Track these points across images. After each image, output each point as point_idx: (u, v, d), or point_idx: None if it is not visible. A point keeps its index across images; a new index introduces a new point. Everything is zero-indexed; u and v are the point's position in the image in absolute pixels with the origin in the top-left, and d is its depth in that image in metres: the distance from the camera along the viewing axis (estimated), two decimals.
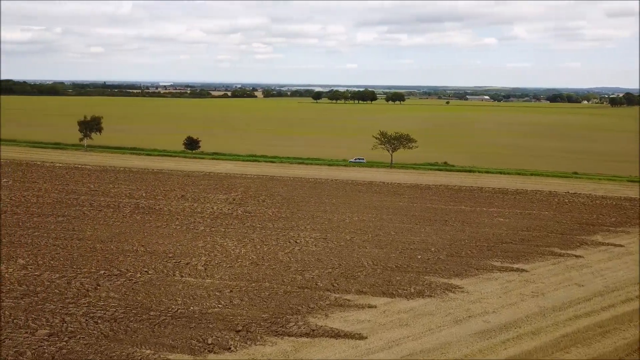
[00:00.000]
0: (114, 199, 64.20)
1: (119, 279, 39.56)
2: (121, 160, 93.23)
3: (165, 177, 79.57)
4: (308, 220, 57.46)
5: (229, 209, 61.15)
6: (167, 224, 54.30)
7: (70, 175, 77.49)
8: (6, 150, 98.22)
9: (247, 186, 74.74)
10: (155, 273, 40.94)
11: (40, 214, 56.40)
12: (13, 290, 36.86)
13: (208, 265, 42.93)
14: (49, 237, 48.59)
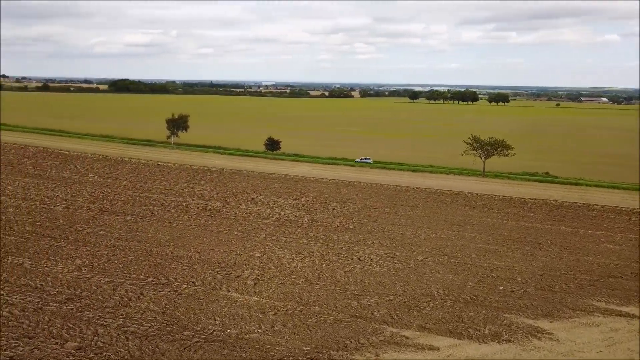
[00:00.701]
0: (185, 199, 63.57)
1: (164, 288, 37.43)
2: (203, 159, 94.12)
3: (241, 178, 78.30)
4: (377, 234, 52.23)
5: (295, 216, 57.69)
6: (229, 230, 52.01)
7: (151, 172, 78.96)
8: (101, 146, 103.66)
9: (320, 191, 70.99)
10: (202, 285, 38.33)
11: (111, 211, 56.91)
12: (60, 294, 36.04)
13: (258, 280, 39.55)
14: (111, 237, 48.29)
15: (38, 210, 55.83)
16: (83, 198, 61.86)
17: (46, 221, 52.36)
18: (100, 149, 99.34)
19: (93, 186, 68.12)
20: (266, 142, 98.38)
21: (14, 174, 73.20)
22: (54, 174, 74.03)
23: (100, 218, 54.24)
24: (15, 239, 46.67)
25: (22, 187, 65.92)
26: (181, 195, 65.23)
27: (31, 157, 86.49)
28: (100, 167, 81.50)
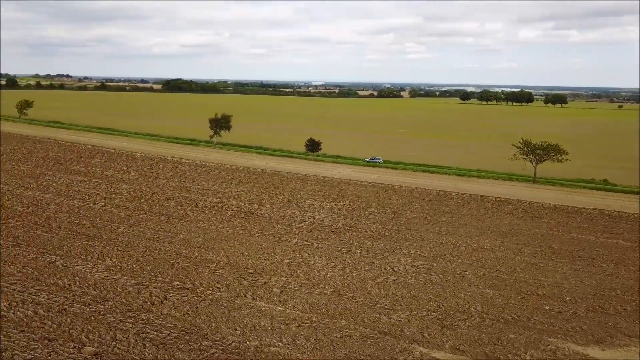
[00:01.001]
0: (221, 200, 63.05)
1: (188, 293, 36.53)
2: (244, 159, 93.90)
3: (279, 179, 77.25)
4: (415, 243, 49.54)
5: (330, 220, 55.84)
6: (260, 233, 50.82)
7: (192, 172, 79.27)
8: (147, 144, 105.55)
9: (358, 195, 68.79)
10: (227, 291, 37.16)
11: (147, 211, 57.06)
12: (86, 295, 35.83)
13: (285, 288, 37.99)
14: (143, 237, 48.15)
15: (78, 208, 56.72)
16: (122, 196, 62.52)
17: (84, 219, 53.02)
18: (145, 147, 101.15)
19: (133, 184, 68.89)
20: (307, 143, 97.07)
21: (61, 171, 75.29)
22: (97, 172, 75.60)
23: (136, 217, 54.42)
24: (52, 237, 47.32)
25: (66, 184, 67.52)
26: (218, 196, 64.81)
27: (79, 155, 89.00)
28: (142, 165, 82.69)
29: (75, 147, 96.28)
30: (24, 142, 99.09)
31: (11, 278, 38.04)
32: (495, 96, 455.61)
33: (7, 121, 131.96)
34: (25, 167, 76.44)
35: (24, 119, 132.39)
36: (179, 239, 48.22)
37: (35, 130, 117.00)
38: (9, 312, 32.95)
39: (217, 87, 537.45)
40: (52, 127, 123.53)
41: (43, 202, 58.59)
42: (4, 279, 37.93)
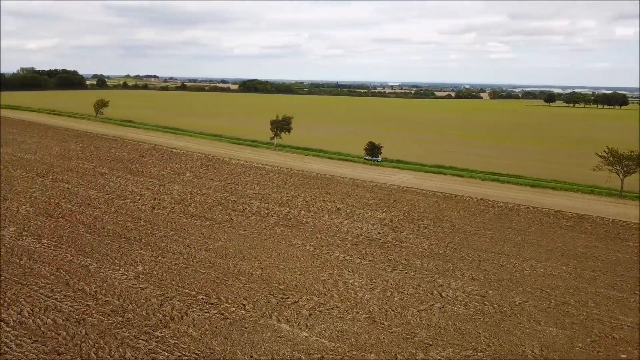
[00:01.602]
0: (269, 205, 60.74)
1: (211, 310, 34.13)
2: (301, 162, 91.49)
3: (332, 184, 73.87)
4: (471, 264, 44.21)
5: (379, 233, 51.64)
6: (301, 244, 47.72)
7: (246, 174, 77.93)
8: (209, 144, 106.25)
9: (414, 204, 63.82)
10: (252, 309, 34.36)
11: (192, 214, 55.90)
12: (108, 304, 34.50)
13: (315, 310, 34.55)
14: (181, 243, 46.71)
15: (126, 209, 56.69)
16: (171, 198, 62.02)
17: (128, 221, 52.68)
18: (206, 147, 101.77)
19: (185, 186, 68.46)
20: (366, 147, 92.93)
21: (120, 170, 76.73)
22: (154, 172, 76.24)
23: (179, 221, 53.33)
24: (93, 238, 47.11)
25: (122, 183, 68.34)
26: (266, 201, 62.59)
27: (141, 154, 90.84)
28: (199, 166, 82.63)
29: (140, 147, 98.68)
30: (94, 140, 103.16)
31: (43, 281, 37.67)
32: (584, 98, 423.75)
33: (84, 119, 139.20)
34: (89, 165, 78.75)
35: (100, 118, 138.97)
36: (216, 246, 46.28)
37: (107, 129, 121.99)
38: (30, 319, 32.19)
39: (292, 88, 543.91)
40: (124, 126, 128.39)
41: (95, 201, 59.27)
42: (37, 281, 37.67)
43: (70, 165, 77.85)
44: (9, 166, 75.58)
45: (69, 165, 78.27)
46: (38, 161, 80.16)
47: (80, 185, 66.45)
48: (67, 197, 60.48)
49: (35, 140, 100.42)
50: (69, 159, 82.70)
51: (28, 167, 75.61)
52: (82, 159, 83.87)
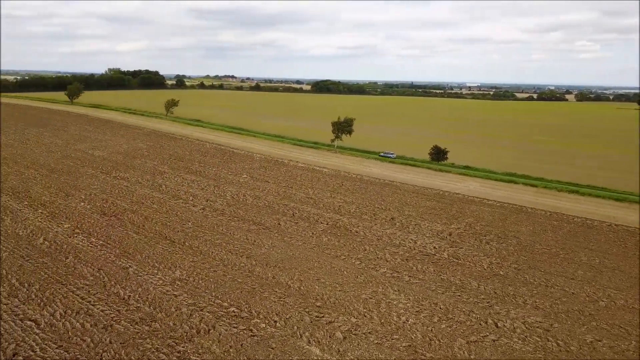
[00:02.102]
0: (319, 211, 58.23)
1: (240, 325, 32.08)
2: (361, 165, 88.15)
3: (390, 191, 70.00)
4: (536, 290, 39.09)
5: (434, 248, 47.44)
6: (347, 256, 44.70)
7: (302, 177, 75.93)
8: (270, 145, 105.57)
9: (478, 216, 58.63)
10: (283, 327, 31.91)
11: (240, 217, 54.58)
12: (138, 310, 33.48)
13: (351, 333, 31.49)
14: (224, 249, 45.30)
15: (177, 210, 56.46)
16: (223, 200, 61.22)
17: (177, 222, 52.24)
18: (267, 148, 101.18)
19: (240, 188, 67.58)
20: (431, 151, 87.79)
21: (179, 169, 77.48)
22: (211, 172, 76.24)
23: (227, 224, 52.14)
24: (140, 239, 46.89)
25: (178, 183, 68.71)
26: (318, 206, 60.11)
27: (203, 154, 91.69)
28: (257, 167, 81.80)
29: (202, 146, 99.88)
30: (160, 139, 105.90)
31: (81, 282, 37.51)
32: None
33: (156, 118, 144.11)
34: (151, 164, 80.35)
35: (170, 117, 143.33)
36: (259, 253, 44.39)
37: (175, 128, 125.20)
38: (60, 321, 31.78)
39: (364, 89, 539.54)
40: (192, 125, 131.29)
41: (149, 200, 59.68)
42: (77, 282, 37.59)
43: (134, 164, 79.80)
44: (79, 163, 78.71)
45: (133, 163, 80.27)
46: (105, 159, 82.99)
47: (138, 183, 67.53)
48: (123, 195, 61.44)
49: (107, 138, 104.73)
50: (133, 157, 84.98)
51: (95, 164, 78.35)
52: (145, 157, 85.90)
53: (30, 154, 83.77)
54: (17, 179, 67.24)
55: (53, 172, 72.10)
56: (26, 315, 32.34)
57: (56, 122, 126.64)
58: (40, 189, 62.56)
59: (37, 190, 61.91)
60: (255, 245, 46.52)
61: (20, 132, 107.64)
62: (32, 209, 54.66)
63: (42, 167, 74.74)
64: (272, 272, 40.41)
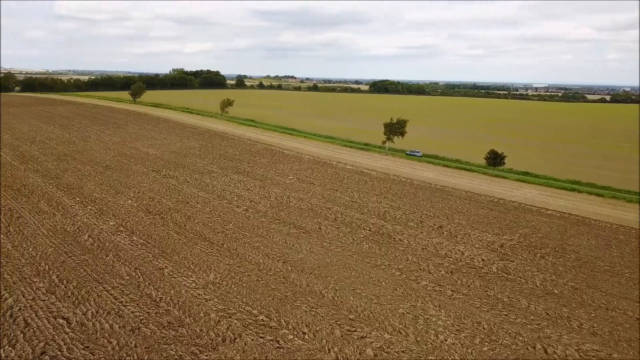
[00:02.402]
0: (363, 216, 56.23)
1: (267, 335, 30.84)
2: (412, 168, 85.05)
3: (443, 196, 66.76)
4: (594, 312, 35.27)
5: (482, 260, 44.28)
6: (388, 265, 42.50)
7: (349, 180, 74.09)
8: (320, 147, 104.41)
9: (535, 227, 54.49)
10: (311, 340, 30.36)
11: (282, 220, 53.61)
12: (167, 314, 33.05)
13: (382, 351, 29.45)
14: (261, 252, 44.40)
15: (220, 210, 56.33)
16: (267, 202, 60.55)
17: (218, 223, 52.00)
18: (317, 149, 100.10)
19: (285, 189, 66.77)
20: (488, 156, 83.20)
21: (228, 169, 77.85)
22: (259, 173, 75.99)
23: (267, 227, 51.31)
24: (179, 239, 46.93)
25: (226, 183, 68.86)
26: (362, 211, 58.13)
27: (252, 154, 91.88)
28: (305, 168, 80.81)
29: (253, 146, 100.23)
30: (213, 138, 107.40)
31: (117, 281, 37.71)
32: None
33: (212, 117, 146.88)
34: (201, 163, 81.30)
35: (225, 116, 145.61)
36: (296, 258, 43.12)
37: (229, 127, 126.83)
38: (91, 321, 31.86)
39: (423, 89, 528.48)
40: (245, 125, 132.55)
41: (194, 199, 60.01)
42: (113, 281, 37.84)
43: (184, 162, 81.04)
44: (132, 160, 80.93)
45: (183, 162, 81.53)
46: (158, 157, 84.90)
47: (186, 182, 68.27)
48: (170, 194, 62.17)
49: (163, 136, 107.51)
50: (185, 156, 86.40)
51: (147, 162, 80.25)
52: (196, 156, 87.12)
53: (89, 151, 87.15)
54: (73, 175, 69.85)
55: (108, 169, 74.42)
56: (60, 313, 32.69)
57: (117, 120, 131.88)
58: (93, 186, 64.55)
59: (90, 187, 63.89)
60: (293, 249, 45.30)
61: (83, 129, 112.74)
62: (82, 205, 56.30)
63: (98, 164, 77.41)
64: (307, 280, 38.99)
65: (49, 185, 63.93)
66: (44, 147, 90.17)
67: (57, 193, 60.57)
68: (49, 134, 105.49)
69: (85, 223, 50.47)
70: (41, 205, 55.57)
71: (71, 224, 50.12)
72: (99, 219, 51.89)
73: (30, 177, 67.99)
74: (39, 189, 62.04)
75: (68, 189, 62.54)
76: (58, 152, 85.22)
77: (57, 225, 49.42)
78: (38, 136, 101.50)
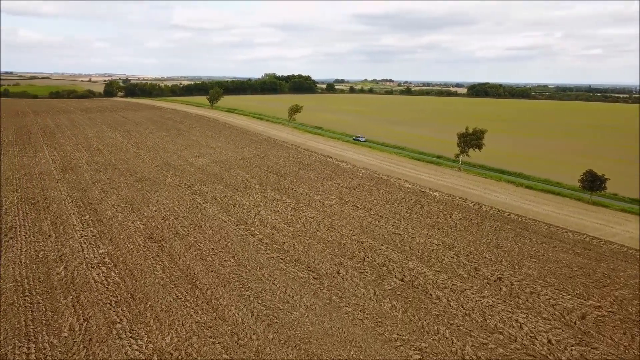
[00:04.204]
0: (401, 256, 44.33)
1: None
2: (484, 189, 70.41)
3: (515, 231, 52.40)
4: None
5: (548, 342, 30.73)
6: (406, 341, 30.67)
7: (401, 203, 61.89)
8: (382, 159, 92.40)
9: (633, 286, 39.04)
10: None
11: (295, 258, 43.53)
12: None
13: None
14: (249, 306, 34.75)
15: (229, 240, 47.63)
16: (290, 229, 50.80)
17: (219, 257, 43.26)
18: (378, 162, 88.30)
19: (319, 213, 56.55)
20: (583, 177, 65.97)
21: (268, 184, 69.13)
22: (299, 191, 66.36)
23: (273, 266, 41.55)
24: (161, 278, 38.78)
25: (255, 202, 60.21)
26: (401, 249, 46.25)
27: (305, 166, 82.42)
28: (354, 186, 69.81)
29: (308, 157, 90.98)
30: (270, 148, 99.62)
31: (51, 339, 30.09)
32: None
33: (279, 124, 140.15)
34: (242, 176, 73.57)
35: (292, 123, 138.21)
36: (287, 320, 32.86)
37: (291, 136, 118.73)
38: None
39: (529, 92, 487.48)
40: (310, 132, 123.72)
41: (209, 223, 51.94)
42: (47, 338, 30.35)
43: (224, 176, 73.84)
44: (171, 172, 75.37)
45: (223, 175, 74.37)
46: (200, 168, 78.72)
47: (214, 200, 60.65)
48: (187, 214, 54.74)
49: (218, 144, 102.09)
50: (229, 168, 79.37)
51: (186, 174, 74.20)
52: (242, 168, 79.71)
53: (135, 160, 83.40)
54: (101, 187, 65.37)
55: (140, 181, 69.27)
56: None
57: (183, 126, 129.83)
58: (113, 201, 59.16)
59: (109, 203, 58.53)
60: (290, 304, 35.07)
61: (145, 136, 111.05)
62: (85, 226, 50.53)
63: (134, 175, 72.73)
64: (292, 354, 28.61)
65: (68, 199, 59.58)
66: (95, 154, 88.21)
67: (69, 209, 55.72)
68: (110, 140, 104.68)
69: (72, 250, 44.23)
70: (43, 225, 50.65)
71: (57, 250, 44.12)
72: (91, 245, 45.46)
73: (58, 189, 64.45)
74: (55, 204, 57.76)
75: (85, 205, 57.60)
76: (103, 161, 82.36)
77: (41, 252, 43.61)
78: (98, 143, 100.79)
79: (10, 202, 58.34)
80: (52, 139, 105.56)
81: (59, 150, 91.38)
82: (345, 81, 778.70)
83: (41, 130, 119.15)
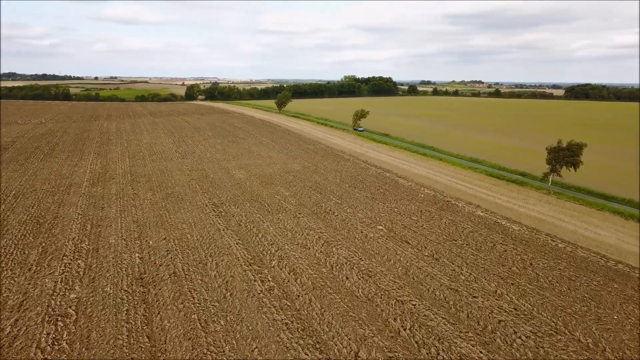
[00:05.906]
0: (451, 333, 31.64)
1: None
2: (582, 222, 54.44)
3: (628, 293, 37.36)
4: None
5: None
6: None
7: (467, 239, 48.31)
8: (453, 176, 77.90)
9: None
10: None
11: (304, 329, 32.45)
12: None
13: None
14: None
15: (233, 286, 37.62)
16: (314, 273, 39.66)
17: (208, 317, 33.31)
18: (447, 178, 74.22)
19: (357, 251, 44.84)
20: None
21: (309, 206, 58.39)
22: (341, 217, 54.91)
23: (271, 339, 30.77)
24: (119, 345, 29.41)
25: (284, 229, 49.74)
26: (455, 316, 33.44)
27: (355, 184, 70.60)
28: (412, 212, 57.04)
29: (364, 172, 78.94)
30: (324, 159, 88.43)
31: None
32: None
33: (342, 131, 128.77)
34: (282, 195, 63.39)
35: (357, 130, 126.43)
36: None
37: (351, 145, 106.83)
38: None
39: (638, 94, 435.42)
40: (374, 141, 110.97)
41: (216, 260, 42.29)
42: None
43: (261, 193, 64.20)
44: (204, 188, 67.11)
45: (261, 192, 64.72)
46: (237, 183, 69.76)
47: (237, 226, 51.06)
48: (195, 247, 45.46)
49: (269, 154, 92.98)
50: (270, 183, 69.69)
51: (219, 190, 65.51)
52: (284, 184, 69.67)
53: (172, 172, 76.42)
54: (122, 204, 58.41)
55: (166, 197, 61.61)
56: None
57: (241, 132, 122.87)
58: (124, 224, 51.59)
59: (119, 225, 51.03)
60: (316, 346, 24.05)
61: (197, 144, 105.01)
62: (73, 258, 42.86)
63: (164, 190, 65.33)
64: None
65: (78, 220, 52.86)
66: (136, 164, 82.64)
67: (72, 233, 48.69)
68: (160, 147, 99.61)
69: (41, 292, 36.41)
70: (31, 254, 43.65)
71: (24, 292, 36.48)
72: (66, 286, 37.44)
73: (75, 205, 58.26)
74: (61, 225, 51.16)
75: (92, 227, 50.45)
76: (140, 172, 76.20)
77: (5, 294, 36.16)
78: (146, 150, 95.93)
79: (18, 221, 52.60)
80: (105, 145, 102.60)
81: (103, 159, 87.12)
82: (431, 83, 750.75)
83: (100, 135, 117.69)
